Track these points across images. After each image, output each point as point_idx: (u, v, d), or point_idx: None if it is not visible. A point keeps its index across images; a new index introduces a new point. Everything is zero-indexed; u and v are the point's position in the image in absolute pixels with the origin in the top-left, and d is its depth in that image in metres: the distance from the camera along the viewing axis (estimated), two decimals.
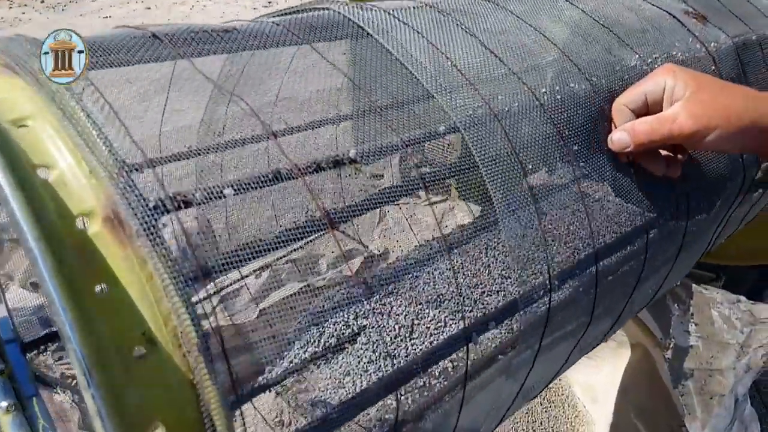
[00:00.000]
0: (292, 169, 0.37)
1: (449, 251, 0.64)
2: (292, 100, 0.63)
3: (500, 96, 0.52)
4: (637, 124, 0.58)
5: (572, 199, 0.55)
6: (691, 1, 0.82)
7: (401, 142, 0.44)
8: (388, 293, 0.70)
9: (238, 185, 0.35)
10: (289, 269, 1.35)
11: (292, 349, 0.73)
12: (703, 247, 0.82)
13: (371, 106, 0.47)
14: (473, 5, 0.62)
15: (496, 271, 0.66)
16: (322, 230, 0.39)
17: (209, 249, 0.33)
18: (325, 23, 0.50)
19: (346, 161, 0.40)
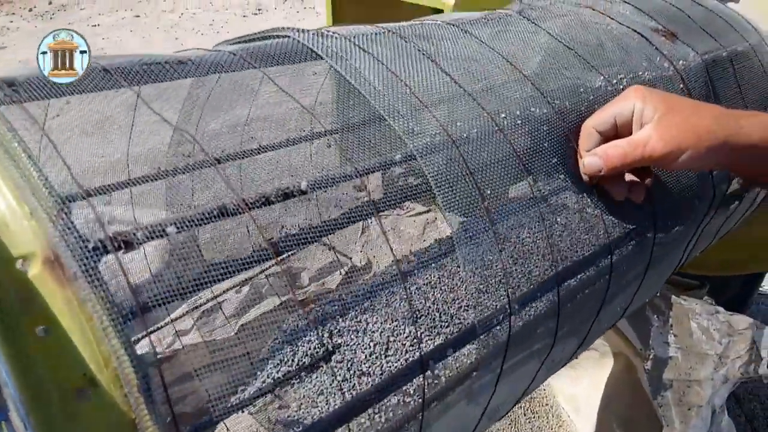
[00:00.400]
0: (239, 204, 0.37)
1: (427, 267, 0.64)
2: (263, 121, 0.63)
3: (459, 122, 0.53)
4: (609, 148, 0.58)
5: (533, 222, 0.55)
6: (660, 19, 0.83)
7: (355, 171, 0.45)
8: (363, 310, 0.70)
9: (180, 223, 0.35)
10: (284, 272, 1.34)
11: (265, 368, 0.72)
12: (674, 263, 0.82)
13: (328, 134, 0.47)
14: (436, 30, 0.62)
15: (472, 285, 0.66)
16: (271, 260, 0.39)
17: (150, 286, 0.33)
18: (283, 51, 0.50)
19: (296, 193, 0.40)
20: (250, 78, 0.51)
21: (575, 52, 0.68)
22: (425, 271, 0.66)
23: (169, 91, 0.48)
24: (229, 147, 0.64)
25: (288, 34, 0.51)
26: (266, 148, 0.63)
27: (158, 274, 0.53)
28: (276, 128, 0.66)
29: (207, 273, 0.42)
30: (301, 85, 0.58)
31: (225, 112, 0.61)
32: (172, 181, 0.54)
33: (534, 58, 0.65)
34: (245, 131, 0.66)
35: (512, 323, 0.53)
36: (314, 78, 0.59)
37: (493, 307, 0.51)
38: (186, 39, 4.83)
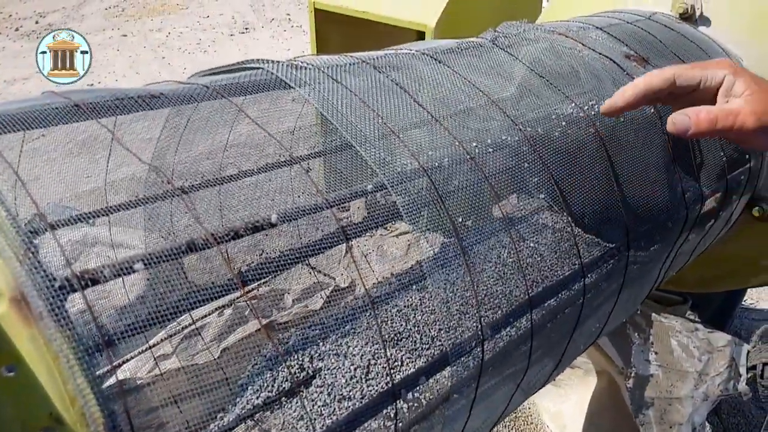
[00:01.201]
0: (207, 239, 0.37)
1: (408, 288, 0.64)
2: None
3: (431, 151, 0.54)
4: (701, 112, 0.59)
5: (504, 247, 0.56)
6: (632, 44, 0.85)
7: (326, 202, 0.45)
8: (345, 333, 0.71)
9: (148, 259, 0.36)
10: (253, 306, 1.34)
11: (245, 394, 0.72)
12: (649, 283, 0.83)
13: (301, 164, 0.48)
14: (410, 60, 0.63)
15: (454, 306, 0.67)
16: (237, 292, 0.39)
17: (116, 323, 0.34)
18: (256, 84, 0.51)
19: (266, 226, 0.41)
20: (225, 110, 0.52)
21: (547, 80, 0.69)
22: (407, 293, 0.66)
23: (144, 122, 0.49)
24: (208, 172, 0.65)
25: (261, 66, 0.52)
26: (245, 174, 0.64)
27: (135, 301, 0.54)
28: (255, 154, 0.67)
29: (181, 302, 0.42)
30: (280, 112, 0.59)
31: (204, 140, 0.62)
32: (150, 208, 0.55)
33: (507, 87, 0.67)
34: (225, 157, 0.67)
35: (485, 348, 0.53)
36: (292, 105, 0.60)
37: (465, 333, 0.52)
38: (173, 58, 4.84)
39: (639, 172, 0.72)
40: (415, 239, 1.63)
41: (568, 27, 0.83)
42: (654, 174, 0.74)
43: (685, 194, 0.79)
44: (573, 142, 0.65)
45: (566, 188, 0.63)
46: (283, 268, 0.50)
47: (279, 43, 5.22)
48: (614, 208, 0.68)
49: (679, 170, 0.79)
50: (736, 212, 1.01)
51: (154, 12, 5.74)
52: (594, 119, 0.68)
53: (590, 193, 0.66)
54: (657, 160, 0.75)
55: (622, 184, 0.69)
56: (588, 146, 0.67)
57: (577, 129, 0.66)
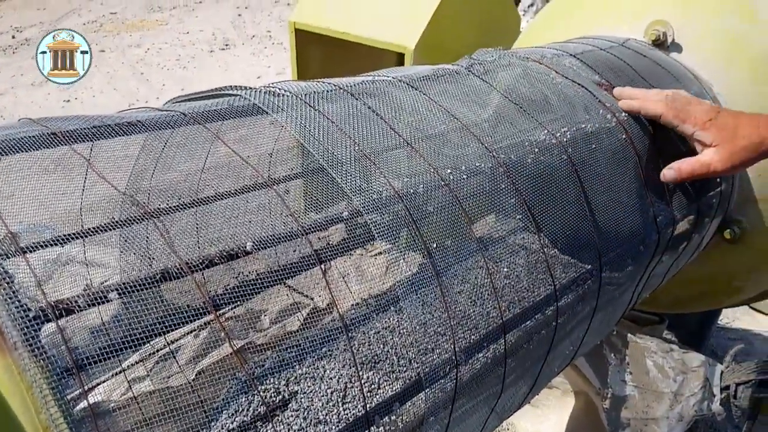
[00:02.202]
0: (181, 267, 0.38)
1: (385, 310, 0.64)
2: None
3: (406, 177, 0.54)
4: (683, 164, 0.80)
5: (478, 272, 0.57)
6: (604, 71, 0.87)
7: (301, 229, 0.46)
8: (321, 356, 0.71)
9: (123, 288, 0.36)
10: (229, 327, 1.34)
11: (219, 419, 0.72)
12: (623, 305, 0.85)
13: (277, 191, 0.48)
14: (387, 87, 0.64)
15: (432, 327, 0.67)
16: (209, 315, 0.39)
17: (90, 346, 0.34)
18: (233, 111, 0.52)
19: (241, 254, 0.41)
20: (203, 135, 0.52)
21: (521, 107, 0.71)
22: (385, 314, 0.67)
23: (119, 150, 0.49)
24: (185, 194, 0.65)
25: (238, 93, 0.53)
26: (222, 196, 0.64)
27: (110, 322, 0.53)
28: (232, 177, 0.67)
29: (155, 325, 0.42)
30: (258, 135, 0.60)
31: (181, 163, 0.62)
32: (125, 231, 0.55)
33: (481, 114, 0.68)
34: (202, 179, 0.67)
35: (459, 373, 0.54)
36: (270, 129, 0.61)
37: (439, 357, 0.53)
38: (152, 74, 4.83)
39: (611, 197, 0.74)
40: (394, 260, 1.64)
41: (542, 54, 0.85)
42: (626, 199, 0.76)
43: (656, 218, 0.81)
44: (546, 168, 0.67)
45: (539, 213, 0.65)
46: (259, 289, 0.50)
47: (260, 60, 5.23)
48: (587, 232, 0.69)
49: (650, 195, 0.81)
50: (708, 235, 1.03)
51: (132, 27, 5.73)
52: (566, 146, 0.70)
53: (563, 218, 0.67)
54: (629, 186, 0.77)
55: (594, 208, 0.71)
56: (560, 172, 0.68)
57: (549, 155, 0.68)
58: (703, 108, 0.81)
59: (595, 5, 1.18)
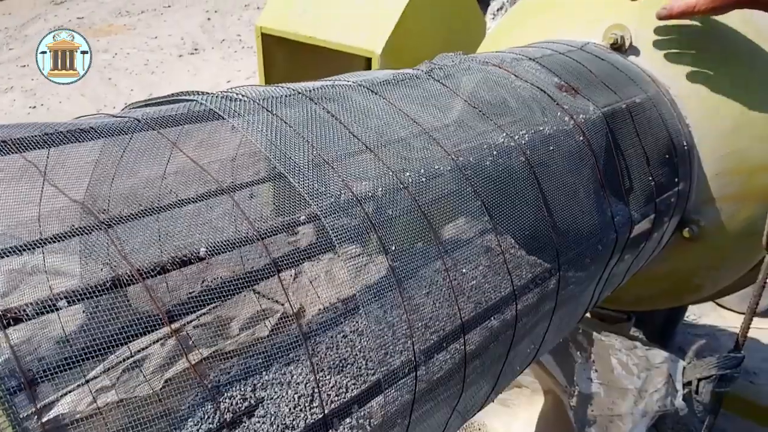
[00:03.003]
0: (132, 274, 0.38)
1: (350, 316, 0.65)
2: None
3: (365, 181, 0.55)
4: (674, 4, 0.96)
5: (438, 274, 0.58)
6: (564, 75, 0.89)
7: (257, 233, 0.46)
8: (288, 362, 0.71)
9: (72, 296, 0.36)
10: (198, 334, 1.32)
11: (185, 426, 0.71)
12: (583, 304, 0.86)
13: (233, 198, 0.48)
14: (346, 91, 0.65)
15: (391, 330, 0.67)
16: (175, 323, 0.39)
17: (52, 357, 0.34)
18: (189, 117, 0.52)
19: (194, 260, 0.41)
20: (161, 141, 0.52)
21: (480, 111, 0.72)
22: (353, 318, 0.67)
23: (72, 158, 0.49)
24: (146, 200, 0.64)
25: (194, 98, 0.53)
26: (183, 202, 0.64)
27: (76, 332, 0.53)
28: (194, 182, 0.67)
29: (118, 335, 0.42)
30: (219, 140, 0.60)
31: (141, 170, 0.62)
32: (84, 239, 0.54)
33: (441, 118, 0.69)
34: (163, 185, 0.67)
35: (419, 373, 0.55)
36: (232, 133, 0.61)
37: (399, 360, 0.53)
38: (120, 80, 4.76)
39: (569, 198, 0.75)
40: (356, 265, 1.64)
41: (502, 58, 0.86)
42: (584, 199, 0.77)
43: (614, 218, 0.83)
44: (504, 170, 0.68)
45: (498, 215, 0.66)
46: (225, 296, 0.50)
47: (229, 64, 5.20)
48: (545, 232, 0.71)
49: (608, 195, 0.83)
50: (667, 234, 1.06)
51: (100, 33, 5.65)
52: (524, 148, 0.71)
53: (521, 219, 0.68)
54: (586, 186, 0.78)
55: (552, 209, 0.72)
56: (519, 174, 0.69)
57: (508, 158, 0.69)
58: None
59: (555, 11, 1.20)
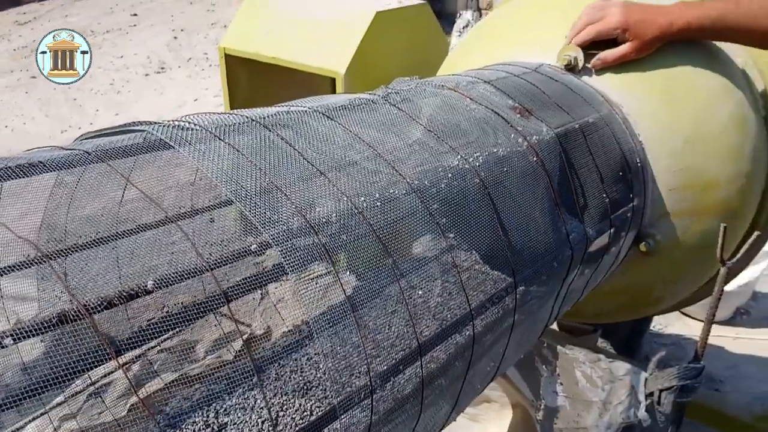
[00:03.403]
0: (78, 309, 0.38)
1: (316, 336, 0.65)
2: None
3: (318, 207, 0.56)
4: (607, 55, 1.06)
5: (394, 299, 0.58)
6: (517, 97, 0.91)
7: (207, 265, 0.46)
8: (251, 386, 0.70)
9: (17, 334, 0.35)
10: (162, 359, 1.31)
11: None
12: (542, 320, 0.88)
13: (180, 227, 0.49)
14: (301, 117, 0.66)
15: (347, 356, 0.68)
16: (112, 361, 0.39)
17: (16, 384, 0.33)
18: (139, 147, 0.52)
19: (141, 293, 0.41)
20: (113, 174, 0.52)
21: (435, 135, 0.73)
22: (318, 339, 0.67)
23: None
24: (104, 229, 0.64)
25: (144, 129, 0.53)
26: (143, 228, 0.64)
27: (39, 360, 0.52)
28: (152, 208, 0.67)
29: (78, 363, 0.42)
30: (176, 167, 0.60)
31: (96, 200, 0.62)
32: (41, 268, 0.54)
33: (396, 142, 0.70)
34: (120, 213, 0.67)
35: (376, 398, 0.55)
36: (179, 163, 0.61)
37: (355, 384, 0.54)
38: (85, 100, 4.71)
39: (524, 217, 0.77)
40: (333, 282, 1.63)
41: (457, 82, 0.88)
42: (538, 218, 0.79)
43: (569, 235, 0.85)
44: (459, 192, 0.69)
45: (453, 236, 0.67)
46: (190, 319, 0.51)
47: (196, 82, 5.18)
48: (501, 252, 0.72)
49: (563, 213, 0.85)
50: (624, 249, 1.08)
51: None
52: (479, 170, 0.73)
53: (477, 239, 0.69)
54: (541, 205, 0.80)
55: (507, 229, 0.74)
56: (473, 195, 0.71)
57: (462, 180, 0.70)
58: (615, 17, 1.02)
59: (512, 33, 1.23)
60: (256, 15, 1.79)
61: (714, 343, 2.53)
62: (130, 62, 5.47)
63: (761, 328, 2.63)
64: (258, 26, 1.76)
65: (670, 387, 1.17)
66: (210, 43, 5.91)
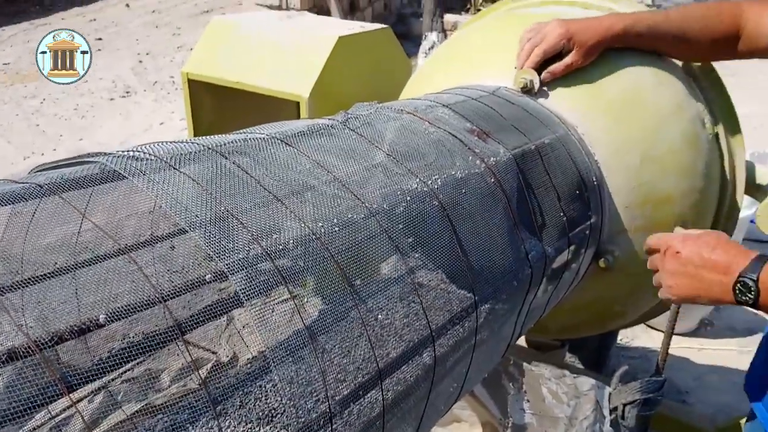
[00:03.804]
0: (29, 345, 0.37)
1: (279, 363, 0.65)
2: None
3: (275, 234, 0.56)
4: (555, 68, 1.10)
5: (353, 325, 0.59)
6: (475, 119, 0.93)
7: (160, 296, 0.46)
8: (216, 414, 0.70)
9: None
10: (125, 389, 1.28)
11: None
12: (505, 339, 0.89)
13: (133, 257, 0.49)
14: (259, 144, 0.66)
15: (304, 384, 0.67)
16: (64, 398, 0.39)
17: None
18: (94, 178, 0.52)
19: (93, 327, 0.41)
20: (68, 206, 0.52)
21: (394, 158, 0.75)
22: (281, 366, 0.67)
23: None
24: (62, 260, 0.63)
25: (97, 160, 0.53)
26: (102, 257, 0.63)
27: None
28: (108, 240, 0.66)
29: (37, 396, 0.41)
30: (135, 196, 0.60)
31: (53, 231, 0.61)
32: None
33: (355, 166, 0.71)
34: (79, 243, 0.66)
35: (337, 424, 0.55)
36: (133, 193, 0.60)
37: (315, 411, 0.54)
38: (48, 126, 4.63)
39: (483, 238, 0.78)
40: (300, 306, 1.62)
41: (416, 106, 0.89)
42: (497, 238, 0.81)
43: (528, 254, 0.86)
44: (418, 214, 0.70)
45: (413, 259, 0.68)
46: (153, 347, 0.50)
47: (162, 106, 5.14)
48: (461, 272, 0.73)
49: (522, 232, 0.86)
50: (584, 265, 1.10)
51: (27, 78, 5.50)
52: (437, 192, 0.74)
53: (437, 261, 0.70)
54: (500, 226, 0.82)
55: (467, 249, 0.75)
56: (432, 218, 0.72)
57: (421, 202, 0.72)
58: (555, 31, 1.06)
59: (471, 57, 1.26)
60: (219, 40, 1.79)
61: (679, 354, 2.58)
62: (95, 87, 5.41)
63: (725, 339, 2.69)
64: (221, 51, 1.76)
65: (633, 401, 1.19)
66: (176, 66, 5.88)
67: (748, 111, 3.51)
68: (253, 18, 2.06)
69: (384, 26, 1.90)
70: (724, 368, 2.46)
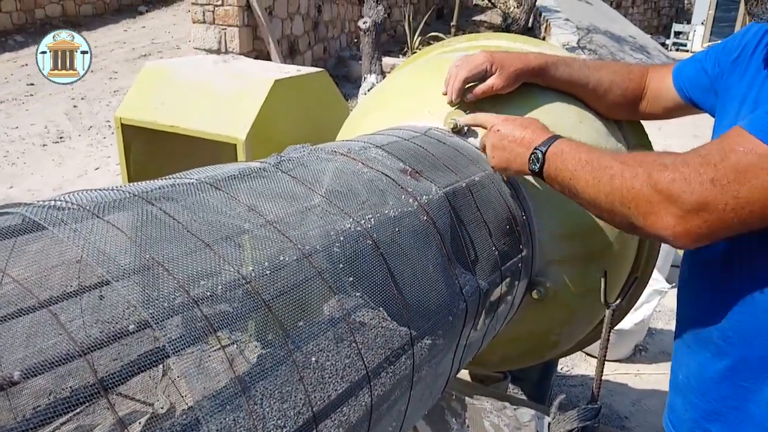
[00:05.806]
0: None
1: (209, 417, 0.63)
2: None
3: (202, 280, 0.56)
4: (476, 89, 1.14)
5: (286, 369, 0.59)
6: (408, 159, 0.95)
7: (78, 350, 0.45)
8: None
9: None
10: None
11: None
12: (443, 375, 0.90)
13: (52, 311, 0.47)
14: (188, 189, 0.66)
15: (271, 422, 0.66)
16: None
17: None
18: (15, 229, 0.51)
19: (6, 386, 0.40)
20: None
21: (327, 199, 0.76)
22: (220, 415, 0.65)
23: None
24: None
25: (17, 211, 0.52)
26: (25, 311, 0.61)
27: None
28: (36, 289, 0.64)
29: None
30: (61, 244, 0.58)
31: None
32: None
33: (287, 208, 0.71)
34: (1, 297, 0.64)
35: None
36: (54, 244, 0.59)
37: None
38: None
39: (417, 275, 0.79)
40: (240, 351, 1.59)
41: (349, 147, 0.91)
42: (432, 274, 0.82)
43: (462, 288, 0.88)
44: (352, 254, 0.71)
45: (347, 299, 0.68)
46: (81, 402, 0.48)
47: (98, 150, 5.03)
48: (396, 310, 0.74)
49: (456, 267, 0.88)
50: (518, 297, 1.13)
51: None
52: (371, 231, 0.75)
53: (371, 300, 0.71)
54: (434, 262, 0.83)
55: (401, 287, 0.76)
56: (366, 257, 0.73)
57: (355, 242, 0.72)
58: (479, 57, 1.12)
59: (402, 97, 1.30)
60: (153, 84, 1.78)
61: (618, 381, 2.64)
62: (26, 133, 5.25)
63: (660, 363, 2.78)
64: (156, 95, 1.75)
65: (572, 429, 1.21)
66: (112, 110, 5.77)
67: (672, 142, 3.71)
68: (188, 62, 2.06)
69: (320, 69, 1.93)
70: (661, 392, 2.53)
